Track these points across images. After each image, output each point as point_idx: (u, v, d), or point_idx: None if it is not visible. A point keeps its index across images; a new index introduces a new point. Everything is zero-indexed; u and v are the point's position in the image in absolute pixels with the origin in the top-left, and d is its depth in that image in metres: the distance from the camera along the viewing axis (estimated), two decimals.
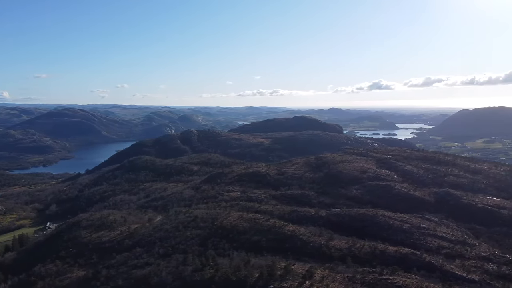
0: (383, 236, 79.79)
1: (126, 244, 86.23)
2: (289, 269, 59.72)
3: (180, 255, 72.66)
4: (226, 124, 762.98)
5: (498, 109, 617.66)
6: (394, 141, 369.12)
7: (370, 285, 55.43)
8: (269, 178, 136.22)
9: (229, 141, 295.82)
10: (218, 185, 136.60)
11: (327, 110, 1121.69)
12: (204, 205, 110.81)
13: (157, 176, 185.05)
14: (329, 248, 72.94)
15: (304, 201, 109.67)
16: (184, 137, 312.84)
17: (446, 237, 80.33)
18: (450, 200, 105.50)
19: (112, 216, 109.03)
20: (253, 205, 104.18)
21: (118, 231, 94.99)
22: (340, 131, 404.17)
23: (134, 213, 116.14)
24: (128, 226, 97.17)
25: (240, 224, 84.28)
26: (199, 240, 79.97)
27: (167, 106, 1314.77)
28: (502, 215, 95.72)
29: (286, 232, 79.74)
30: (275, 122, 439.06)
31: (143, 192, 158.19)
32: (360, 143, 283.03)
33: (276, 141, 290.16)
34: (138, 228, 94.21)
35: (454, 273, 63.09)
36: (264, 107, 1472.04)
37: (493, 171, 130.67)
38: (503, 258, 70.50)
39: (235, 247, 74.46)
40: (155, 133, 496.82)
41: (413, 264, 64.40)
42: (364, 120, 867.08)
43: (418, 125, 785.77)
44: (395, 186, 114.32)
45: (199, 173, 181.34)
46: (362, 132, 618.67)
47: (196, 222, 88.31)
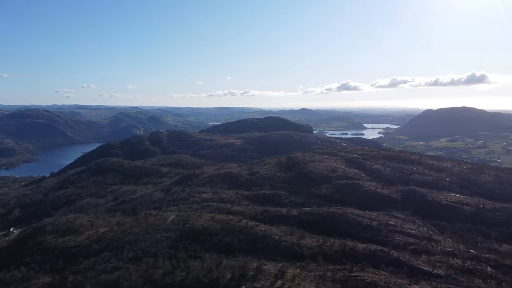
0: (353, 233, 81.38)
1: (94, 248, 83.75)
2: (261, 269, 59.85)
3: (150, 258, 71.24)
4: (197, 125, 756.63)
5: (460, 109, 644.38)
6: (362, 141, 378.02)
7: (340, 282, 56.37)
8: (241, 178, 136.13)
9: (200, 142, 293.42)
10: (189, 186, 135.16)
11: (298, 110, 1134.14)
12: (175, 207, 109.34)
13: (125, 178, 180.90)
14: (301, 247, 73.68)
15: (276, 201, 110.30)
16: (154, 138, 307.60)
17: (413, 233, 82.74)
18: (416, 197, 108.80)
19: (78, 220, 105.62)
20: (225, 206, 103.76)
21: (85, 236, 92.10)
22: (311, 131, 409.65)
23: (101, 217, 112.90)
24: (95, 230, 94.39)
25: (211, 226, 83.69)
26: (170, 243, 78.76)
27: (136, 106, 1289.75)
28: (465, 211, 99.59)
29: (258, 232, 79.89)
30: (247, 123, 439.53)
31: (111, 195, 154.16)
32: (329, 143, 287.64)
33: (248, 142, 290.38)
34: (106, 232, 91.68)
35: (421, 268, 65.15)
36: (236, 108, 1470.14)
37: (456, 169, 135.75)
38: (467, 253, 73.34)
39: (206, 249, 73.87)
40: (123, 134, 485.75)
41: (381, 261, 65.99)
42: (333, 120, 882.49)
43: (385, 125, 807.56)
44: (363, 185, 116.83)
45: (169, 174, 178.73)
46: (331, 132, 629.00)
47: (167, 225, 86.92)
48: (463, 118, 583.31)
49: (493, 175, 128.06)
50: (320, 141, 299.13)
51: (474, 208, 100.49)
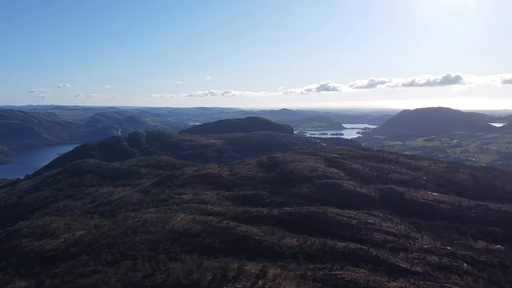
0: (333, 232, 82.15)
1: (71, 252, 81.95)
2: (242, 269, 59.77)
3: (129, 261, 70.18)
4: (177, 125, 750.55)
5: (436, 109, 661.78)
6: (341, 141, 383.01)
7: (320, 281, 56.82)
8: (222, 179, 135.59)
9: (180, 143, 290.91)
10: (168, 188, 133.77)
11: (278, 111, 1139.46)
12: (154, 209, 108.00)
13: (103, 180, 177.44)
14: (281, 246, 73.94)
15: (257, 201, 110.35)
16: (132, 139, 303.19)
17: (391, 231, 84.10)
18: (394, 196, 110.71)
19: (55, 223, 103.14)
20: (205, 207, 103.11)
21: (62, 239, 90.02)
22: (291, 131, 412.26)
23: (79, 219, 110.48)
24: (72, 233, 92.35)
25: (192, 227, 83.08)
26: (149, 245, 77.78)
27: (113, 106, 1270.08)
28: (442, 209, 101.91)
29: (239, 232, 79.78)
30: (228, 123, 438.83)
31: (88, 197, 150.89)
32: (309, 143, 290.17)
33: (229, 142, 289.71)
34: (83, 235, 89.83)
35: (399, 265, 66.32)
36: (216, 108, 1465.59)
37: (432, 168, 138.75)
38: (444, 250, 75.00)
39: (187, 251, 73.28)
40: (100, 135, 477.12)
41: (361, 259, 66.85)
42: (313, 120, 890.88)
43: (363, 125, 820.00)
44: (343, 184, 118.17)
45: (148, 176, 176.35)
46: (311, 132, 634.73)
47: (146, 227, 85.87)
48: (438, 118, 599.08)
49: (468, 174, 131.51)
50: (300, 141, 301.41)
51: (450, 206, 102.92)
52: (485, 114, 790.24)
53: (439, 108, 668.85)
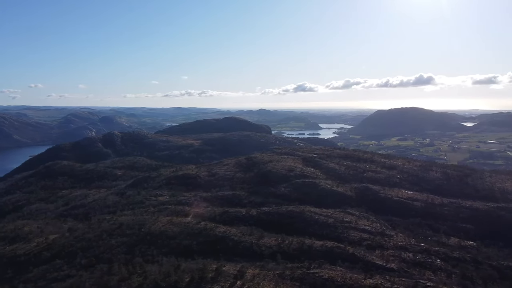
0: (310, 231, 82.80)
1: (44, 256, 79.54)
2: (220, 270, 59.43)
3: (104, 264, 68.69)
4: (153, 126, 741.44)
5: (409, 109, 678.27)
6: (318, 141, 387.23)
7: (299, 280, 57.12)
8: (199, 180, 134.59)
9: (156, 143, 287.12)
10: (145, 189, 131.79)
11: (256, 111, 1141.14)
12: (130, 211, 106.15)
13: (77, 182, 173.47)
14: (260, 246, 73.97)
15: (235, 201, 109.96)
16: (107, 140, 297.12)
17: (367, 229, 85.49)
18: (369, 194, 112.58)
19: (27, 227, 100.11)
20: (183, 209, 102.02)
21: (35, 243, 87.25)
22: (269, 131, 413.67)
23: (52, 223, 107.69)
24: (45, 237, 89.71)
25: (169, 229, 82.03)
26: (126, 248, 76.35)
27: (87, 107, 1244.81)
28: (416, 206, 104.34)
29: (217, 233, 79.35)
30: (205, 123, 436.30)
31: (61, 200, 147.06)
32: (287, 143, 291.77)
33: (207, 142, 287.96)
34: (57, 238, 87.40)
35: (375, 263, 67.42)
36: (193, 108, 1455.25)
37: (406, 167, 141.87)
38: (418, 246, 76.74)
39: (164, 253, 72.32)
40: (73, 136, 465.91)
41: (338, 257, 67.61)
42: (291, 120, 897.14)
43: (339, 125, 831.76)
44: (320, 183, 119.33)
45: (123, 177, 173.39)
46: (289, 132, 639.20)
47: (122, 230, 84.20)
48: (412, 118, 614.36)
49: (441, 172, 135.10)
50: (278, 141, 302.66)
51: (424, 204, 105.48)
52: (456, 114, 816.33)
53: (412, 108, 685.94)
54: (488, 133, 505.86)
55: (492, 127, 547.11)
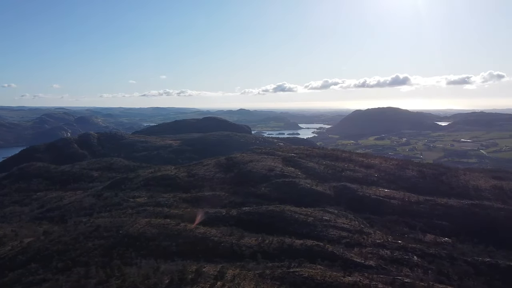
0: (290, 230, 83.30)
1: (19, 260, 77.14)
2: (200, 271, 58.99)
3: (81, 268, 67.20)
4: (130, 126, 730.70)
5: (386, 109, 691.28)
6: (297, 140, 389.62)
7: (279, 279, 57.32)
8: (179, 181, 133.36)
9: (134, 144, 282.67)
10: (122, 191, 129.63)
11: (236, 111, 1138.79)
12: (108, 213, 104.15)
13: (52, 184, 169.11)
14: (240, 246, 73.91)
15: (215, 202, 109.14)
16: (83, 141, 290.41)
17: (346, 227, 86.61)
18: (348, 193, 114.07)
19: (1, 230, 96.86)
20: (162, 210, 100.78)
21: (9, 247, 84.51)
22: (249, 131, 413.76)
23: (26, 226, 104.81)
24: (20, 241, 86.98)
25: (148, 231, 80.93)
26: (103, 251, 74.86)
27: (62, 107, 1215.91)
28: (393, 204, 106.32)
29: (197, 234, 78.85)
30: (184, 123, 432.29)
31: (36, 203, 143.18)
32: (267, 143, 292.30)
33: (186, 143, 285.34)
34: (32, 242, 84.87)
35: (354, 260, 68.39)
36: (172, 108, 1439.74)
37: (383, 165, 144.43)
38: (395, 243, 78.24)
39: (143, 255, 71.33)
40: (48, 137, 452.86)
41: (317, 255, 68.25)
42: (271, 120, 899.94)
43: (318, 125, 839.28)
44: (299, 182, 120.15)
45: (100, 179, 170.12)
46: (269, 132, 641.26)
47: (99, 232, 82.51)
48: (388, 118, 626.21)
49: (417, 170, 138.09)
50: (258, 141, 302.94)
51: (400, 202, 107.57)
52: (431, 113, 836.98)
53: (389, 108, 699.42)
54: (462, 132, 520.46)
55: (466, 126, 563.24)
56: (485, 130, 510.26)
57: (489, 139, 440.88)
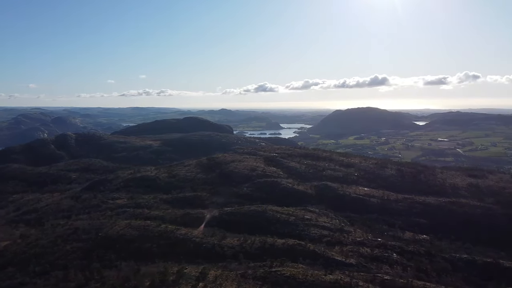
0: (272, 230, 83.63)
1: None
2: (182, 273, 58.60)
3: (59, 271, 65.98)
4: (109, 126, 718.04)
5: (365, 109, 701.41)
6: (279, 140, 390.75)
7: (261, 279, 57.47)
8: (159, 181, 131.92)
9: (113, 145, 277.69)
10: (101, 192, 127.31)
11: (218, 111, 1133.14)
12: (86, 215, 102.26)
13: (28, 186, 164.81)
14: (222, 247, 73.75)
15: (197, 202, 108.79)
16: (60, 142, 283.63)
17: (327, 226, 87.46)
18: (329, 192, 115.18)
19: None
20: (142, 212, 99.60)
21: None
22: (231, 131, 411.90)
23: (2, 229, 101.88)
24: None
25: (128, 233, 79.89)
26: (82, 254, 73.60)
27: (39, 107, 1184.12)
28: (372, 203, 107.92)
29: (179, 236, 78.33)
30: (165, 123, 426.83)
31: (12, 205, 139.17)
32: (249, 143, 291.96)
33: (166, 143, 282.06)
34: (8, 245, 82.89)
35: (335, 258, 69.16)
36: (152, 108, 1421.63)
37: (363, 164, 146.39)
38: (375, 241, 79.47)
39: (123, 257, 70.38)
40: (24, 138, 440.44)
41: (299, 254, 68.74)
42: (252, 120, 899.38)
43: (299, 124, 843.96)
44: (281, 182, 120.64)
45: (78, 180, 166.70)
46: (251, 132, 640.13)
47: (77, 234, 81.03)
48: (368, 118, 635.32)
49: (395, 169, 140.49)
50: (240, 141, 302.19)
51: (380, 200, 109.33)
52: (409, 113, 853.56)
53: (368, 108, 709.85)
54: (439, 131, 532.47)
55: (443, 125, 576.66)
56: (461, 129, 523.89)
57: (465, 138, 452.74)
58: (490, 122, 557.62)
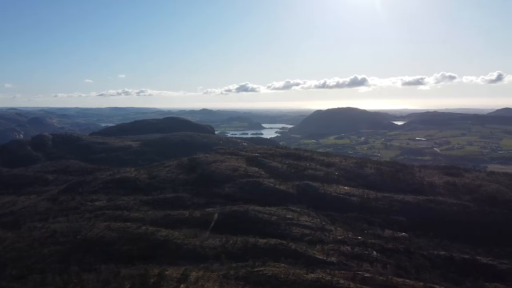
0: (254, 230, 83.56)
1: None
2: (163, 275, 57.96)
3: (37, 275, 64.41)
4: (87, 127, 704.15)
5: (345, 109, 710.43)
6: (261, 140, 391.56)
7: (243, 279, 57.41)
8: (139, 183, 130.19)
9: (91, 145, 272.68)
10: (79, 194, 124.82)
11: (199, 111, 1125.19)
12: (64, 218, 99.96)
13: (4, 188, 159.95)
14: (204, 248, 73.36)
15: (178, 203, 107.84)
16: (36, 143, 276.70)
17: (308, 225, 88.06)
18: (310, 191, 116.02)
19: None
20: (121, 213, 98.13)
21: None
22: (212, 131, 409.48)
23: None
24: None
25: (107, 235, 78.58)
26: (60, 257, 72.08)
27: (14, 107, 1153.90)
28: (352, 201, 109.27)
29: (159, 237, 77.50)
30: (144, 124, 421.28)
31: None
32: (231, 143, 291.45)
33: (146, 144, 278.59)
34: None
35: (316, 257, 69.71)
36: (131, 108, 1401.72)
37: (343, 164, 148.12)
38: (356, 239, 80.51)
39: (102, 260, 69.16)
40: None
41: (281, 253, 68.98)
42: (234, 120, 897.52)
43: (281, 124, 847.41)
44: (263, 182, 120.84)
45: (56, 182, 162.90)
46: (232, 132, 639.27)
47: (55, 237, 79.25)
48: (348, 118, 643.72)
49: (375, 168, 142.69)
50: (221, 141, 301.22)
51: (360, 199, 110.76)
52: (388, 113, 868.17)
53: (348, 108, 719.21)
54: (417, 131, 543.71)
55: (420, 125, 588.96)
56: (438, 129, 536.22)
57: (442, 138, 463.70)
58: (466, 122, 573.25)
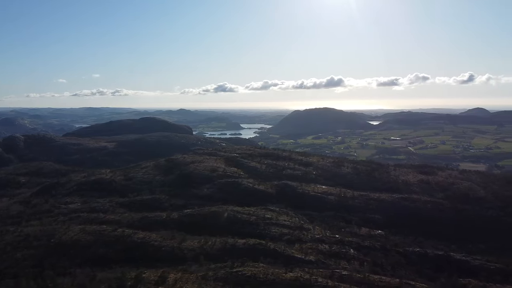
0: (233, 230, 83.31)
1: None
2: (140, 277, 57.06)
3: (10, 280, 62.19)
4: (61, 128, 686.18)
5: (323, 109, 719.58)
6: (240, 140, 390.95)
7: (222, 280, 57.16)
8: (115, 185, 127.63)
9: (65, 147, 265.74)
10: (53, 197, 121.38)
11: (176, 111, 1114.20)
12: (37, 221, 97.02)
13: None
14: (182, 249, 72.66)
15: (155, 205, 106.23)
16: (8, 145, 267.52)
17: (287, 224, 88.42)
18: (288, 190, 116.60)
19: None
20: (97, 216, 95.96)
21: None
22: (190, 132, 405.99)
23: None
24: None
25: (82, 238, 76.75)
26: (34, 261, 69.80)
27: None
28: (330, 200, 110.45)
29: (136, 240, 76.25)
30: (120, 124, 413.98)
31: None
32: (209, 143, 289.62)
33: (122, 145, 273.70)
34: None
35: (295, 256, 70.11)
36: (106, 108, 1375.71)
37: (321, 163, 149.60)
38: (333, 238, 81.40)
39: (78, 264, 67.50)
40: None
41: (260, 253, 68.96)
42: (212, 121, 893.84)
43: (259, 124, 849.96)
44: (242, 182, 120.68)
45: (28, 185, 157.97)
46: (211, 132, 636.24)
47: (28, 241, 76.78)
48: (325, 118, 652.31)
49: (351, 167, 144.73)
50: (200, 142, 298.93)
51: (337, 197, 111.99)
52: (364, 113, 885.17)
53: (325, 108, 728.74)
54: (391, 130, 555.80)
55: (395, 125, 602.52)
56: (412, 128, 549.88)
57: (416, 137, 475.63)
58: (439, 122, 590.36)
